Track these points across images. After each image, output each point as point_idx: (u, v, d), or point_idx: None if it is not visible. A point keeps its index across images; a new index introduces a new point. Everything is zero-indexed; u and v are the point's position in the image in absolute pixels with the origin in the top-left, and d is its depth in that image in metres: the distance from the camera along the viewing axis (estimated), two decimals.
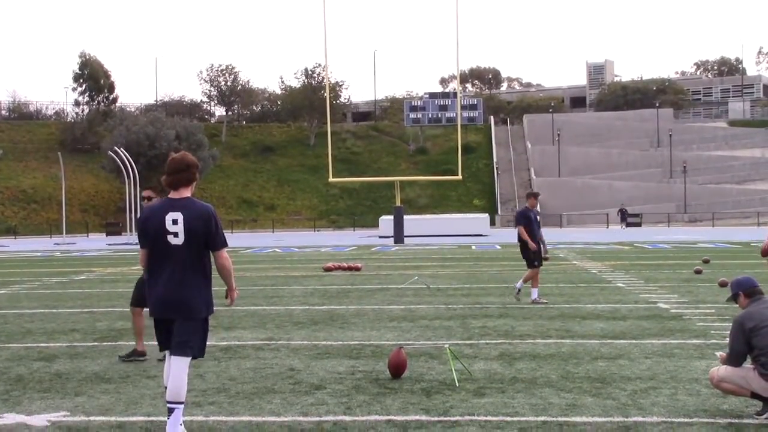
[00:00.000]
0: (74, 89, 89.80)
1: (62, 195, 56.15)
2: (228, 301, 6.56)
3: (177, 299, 6.19)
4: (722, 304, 13.74)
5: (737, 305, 7.10)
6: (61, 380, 8.63)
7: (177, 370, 6.15)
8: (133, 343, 10.07)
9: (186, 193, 6.28)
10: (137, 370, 9.18)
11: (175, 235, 6.14)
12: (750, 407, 6.96)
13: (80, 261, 31.35)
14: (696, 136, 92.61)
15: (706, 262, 23.32)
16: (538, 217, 15.90)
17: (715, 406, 7.11)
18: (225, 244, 6.31)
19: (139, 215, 7.26)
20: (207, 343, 6.47)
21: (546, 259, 15.63)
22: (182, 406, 6.17)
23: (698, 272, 20.23)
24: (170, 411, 6.12)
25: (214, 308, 6.49)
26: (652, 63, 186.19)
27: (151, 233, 6.21)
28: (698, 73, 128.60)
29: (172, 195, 6.28)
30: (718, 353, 8.74)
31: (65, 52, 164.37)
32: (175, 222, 6.13)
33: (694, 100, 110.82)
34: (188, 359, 6.22)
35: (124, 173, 52.08)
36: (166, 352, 6.34)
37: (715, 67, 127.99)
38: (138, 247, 6.56)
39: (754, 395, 6.77)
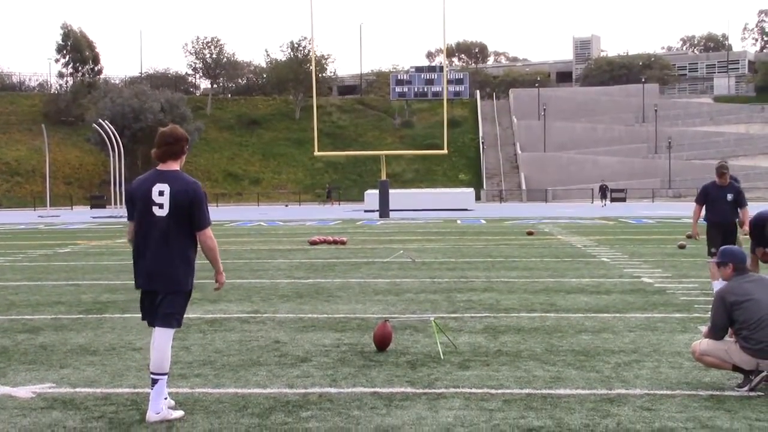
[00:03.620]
0: (57, 60, 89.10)
1: (46, 167, 55.87)
2: (216, 286, 6.51)
3: (162, 271, 6.19)
4: (706, 279, 13.83)
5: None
6: (46, 352, 8.63)
7: (161, 341, 6.17)
8: (118, 315, 10.06)
9: (174, 166, 6.28)
10: (123, 342, 9.18)
11: (161, 206, 6.14)
12: (731, 380, 7.03)
13: (65, 234, 31.25)
14: (681, 111, 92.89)
15: (689, 237, 23.43)
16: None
17: (697, 379, 7.18)
18: (208, 223, 6.28)
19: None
20: (192, 315, 6.46)
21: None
22: (166, 377, 6.19)
23: (682, 247, 20.34)
24: (153, 382, 6.14)
25: (203, 281, 6.45)
26: (639, 38, 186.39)
27: (139, 204, 6.22)
28: (684, 48, 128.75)
29: (160, 167, 6.29)
30: (701, 327, 8.81)
31: (49, 23, 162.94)
32: (161, 193, 6.14)
33: (680, 76, 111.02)
34: (172, 331, 6.24)
35: (109, 146, 51.83)
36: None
37: (702, 43, 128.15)
38: (126, 220, 6.54)
39: (736, 368, 6.84)
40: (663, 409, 6.26)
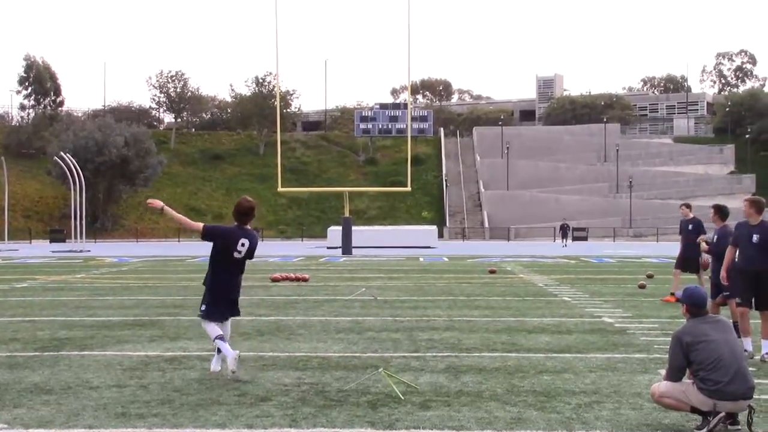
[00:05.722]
0: (18, 92, 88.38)
1: (5, 201, 55.20)
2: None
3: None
4: (666, 319, 13.92)
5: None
6: (0, 391, 8.46)
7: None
8: (75, 353, 9.91)
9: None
10: (79, 381, 9.04)
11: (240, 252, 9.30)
12: (690, 422, 7.06)
13: (22, 268, 30.83)
14: (642, 151, 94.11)
15: (650, 277, 23.65)
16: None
17: (657, 421, 7.20)
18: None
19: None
20: (151, 353, 6.41)
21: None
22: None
23: (642, 287, 20.48)
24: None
25: (162, 317, 6.52)
26: (601, 78, 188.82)
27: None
28: (645, 89, 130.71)
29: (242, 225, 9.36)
30: (661, 370, 8.86)
31: (10, 54, 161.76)
32: (243, 244, 9.25)
33: (641, 116, 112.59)
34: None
35: (70, 179, 51.38)
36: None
37: (661, 84, 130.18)
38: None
39: (694, 410, 6.87)
40: None
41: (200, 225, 9.33)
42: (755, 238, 10.47)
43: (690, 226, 17.51)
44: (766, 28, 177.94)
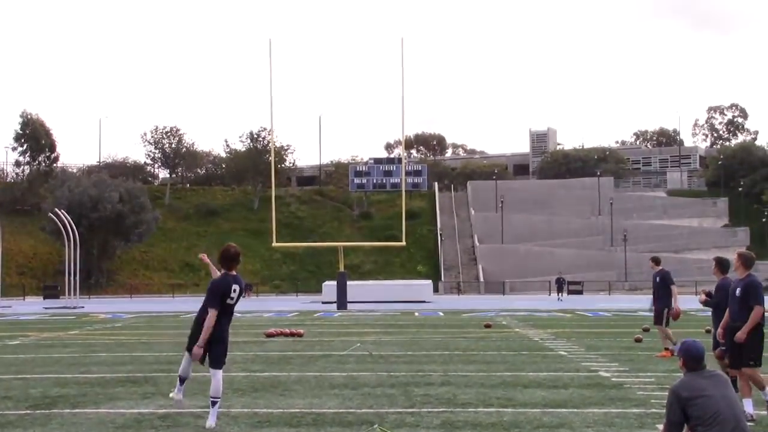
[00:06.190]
0: (14, 149, 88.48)
1: None
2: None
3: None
4: (662, 373, 13.86)
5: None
6: None
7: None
8: (68, 411, 9.82)
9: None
10: None
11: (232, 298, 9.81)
12: None
13: (15, 325, 30.65)
14: (636, 204, 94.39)
15: (646, 330, 23.57)
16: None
17: None
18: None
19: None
20: (144, 410, 6.37)
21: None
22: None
23: (638, 340, 20.42)
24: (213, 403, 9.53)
25: (155, 374, 6.51)
26: (594, 132, 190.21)
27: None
28: (637, 143, 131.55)
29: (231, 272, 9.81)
30: (659, 425, 8.79)
31: (5, 109, 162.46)
32: (234, 290, 9.78)
33: (634, 169, 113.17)
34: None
35: (65, 235, 51.28)
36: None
37: (654, 138, 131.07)
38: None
39: None
40: None
41: (214, 313, 9.70)
42: (738, 291, 10.45)
43: (657, 279, 17.71)
44: (756, 82, 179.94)
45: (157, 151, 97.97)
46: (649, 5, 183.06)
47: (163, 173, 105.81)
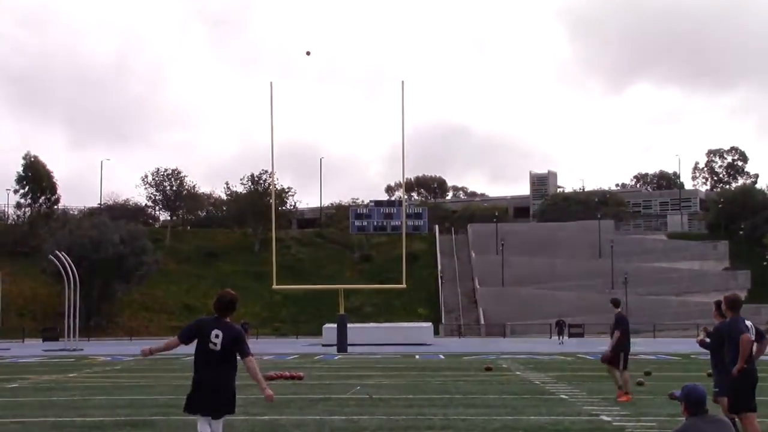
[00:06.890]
0: (16, 191, 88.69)
1: None
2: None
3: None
4: (665, 417, 13.76)
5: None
6: None
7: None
8: None
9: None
10: None
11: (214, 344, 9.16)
12: None
13: (13, 368, 30.50)
14: (636, 247, 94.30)
15: (647, 374, 23.47)
16: None
17: None
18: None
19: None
20: None
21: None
22: None
23: (640, 384, 20.30)
24: None
25: (154, 417, 6.49)
26: (594, 175, 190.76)
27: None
28: (638, 185, 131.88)
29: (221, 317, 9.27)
30: None
31: (5, 152, 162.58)
32: (217, 336, 9.14)
33: (634, 212, 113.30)
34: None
35: (65, 277, 51.23)
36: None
37: (654, 181, 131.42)
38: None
39: None
40: None
41: (175, 338, 9.43)
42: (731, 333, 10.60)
43: (614, 321, 17.77)
44: (755, 127, 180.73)
45: (158, 194, 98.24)
46: (648, 52, 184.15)
47: (164, 215, 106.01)
